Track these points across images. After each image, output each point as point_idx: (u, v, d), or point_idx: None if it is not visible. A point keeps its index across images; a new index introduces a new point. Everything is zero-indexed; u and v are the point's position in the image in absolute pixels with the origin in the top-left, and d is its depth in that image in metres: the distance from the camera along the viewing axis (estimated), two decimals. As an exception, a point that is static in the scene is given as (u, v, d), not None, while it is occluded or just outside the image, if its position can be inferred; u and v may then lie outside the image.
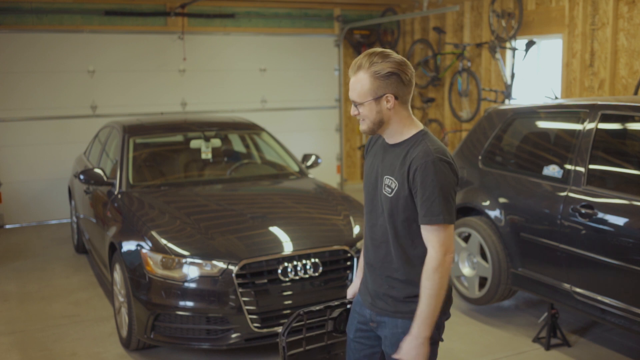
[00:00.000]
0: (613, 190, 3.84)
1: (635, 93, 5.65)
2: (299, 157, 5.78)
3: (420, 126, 2.28)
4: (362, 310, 2.44)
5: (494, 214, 4.53)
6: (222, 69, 8.77)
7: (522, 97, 7.30)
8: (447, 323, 4.76)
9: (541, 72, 7.47)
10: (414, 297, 2.24)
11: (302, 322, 2.58)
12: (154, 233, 4.10)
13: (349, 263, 4.09)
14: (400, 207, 2.19)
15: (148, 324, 3.87)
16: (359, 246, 4.17)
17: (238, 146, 6.12)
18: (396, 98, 2.19)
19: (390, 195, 2.21)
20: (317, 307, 2.60)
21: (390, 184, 2.21)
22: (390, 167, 2.24)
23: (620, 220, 3.66)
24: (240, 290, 3.78)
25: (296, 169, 5.58)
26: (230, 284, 3.77)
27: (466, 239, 4.78)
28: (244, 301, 3.77)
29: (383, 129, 2.26)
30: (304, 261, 3.94)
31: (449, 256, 2.15)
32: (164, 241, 4.01)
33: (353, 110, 2.25)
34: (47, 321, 4.79)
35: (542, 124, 4.62)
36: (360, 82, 2.17)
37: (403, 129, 2.25)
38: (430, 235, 2.15)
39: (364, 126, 2.25)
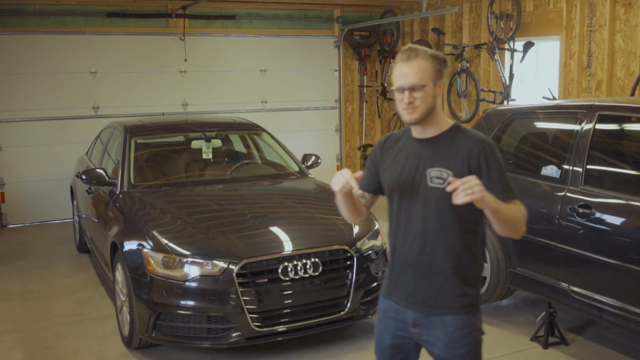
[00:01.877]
0: (610, 190, 3.87)
1: (632, 94, 5.69)
2: (299, 157, 5.81)
3: (450, 120, 2.34)
4: (400, 316, 2.36)
5: (493, 213, 4.55)
6: (223, 70, 8.81)
7: (521, 98, 7.33)
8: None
9: (539, 73, 7.51)
10: (468, 291, 2.26)
11: None
12: (155, 233, 4.13)
13: (348, 263, 4.12)
14: None
15: (149, 323, 3.90)
16: (359, 246, 4.20)
17: (239, 146, 6.16)
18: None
19: (442, 186, 2.19)
20: None
21: (440, 175, 2.21)
22: (435, 159, 2.24)
23: (617, 220, 3.69)
24: (241, 289, 3.81)
25: (296, 169, 5.61)
26: (231, 283, 3.80)
27: (465, 238, 4.80)
28: (244, 300, 3.80)
29: (429, 118, 2.25)
30: (304, 261, 3.96)
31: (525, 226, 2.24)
32: (165, 241, 4.04)
33: (409, 98, 2.19)
34: (49, 320, 4.83)
35: (540, 125, 4.65)
36: (421, 67, 2.19)
37: (441, 120, 2.29)
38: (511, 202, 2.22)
39: (416, 114, 2.22)
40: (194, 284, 3.85)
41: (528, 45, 6.85)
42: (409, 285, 2.32)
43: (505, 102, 7.15)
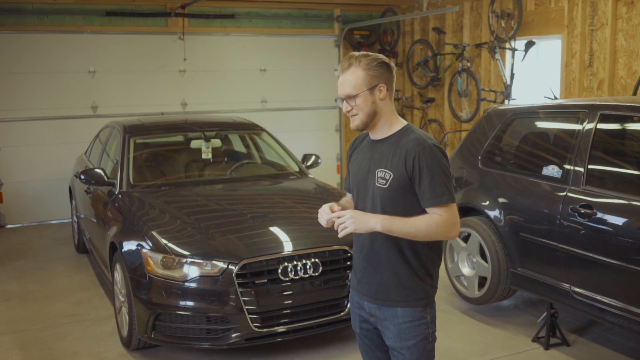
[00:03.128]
0: (612, 190, 3.85)
1: (634, 93, 5.66)
2: (299, 157, 5.79)
3: (404, 121, 2.41)
4: (362, 306, 2.51)
5: (494, 213, 4.54)
6: (223, 69, 8.79)
7: (522, 97, 7.31)
8: (446, 322, 4.78)
9: (540, 72, 7.49)
10: (418, 284, 2.36)
11: None
12: (154, 233, 4.11)
13: (348, 263, 4.10)
14: (398, 195, 2.30)
15: (149, 324, 3.88)
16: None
17: (238, 146, 6.14)
18: (387, 89, 2.33)
19: (384, 187, 2.31)
20: None
21: (384, 176, 2.31)
22: (381, 160, 2.34)
23: (619, 220, 3.67)
24: (241, 289, 3.79)
25: (296, 169, 5.59)
26: (231, 283, 3.78)
27: (466, 238, 4.79)
28: (244, 301, 3.78)
29: (375, 122, 2.35)
30: (304, 261, 3.95)
31: (455, 231, 2.29)
32: (164, 241, 4.02)
33: (346, 107, 2.34)
34: (48, 320, 4.81)
35: (542, 124, 4.63)
36: (354, 75, 2.29)
37: (391, 122, 2.37)
38: (441, 211, 2.27)
39: (356, 121, 2.34)
40: (193, 285, 3.83)
41: (529, 45, 6.83)
42: (364, 278, 2.46)
43: (506, 101, 7.13)
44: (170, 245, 3.98)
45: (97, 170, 5.07)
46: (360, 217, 2.25)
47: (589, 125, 4.01)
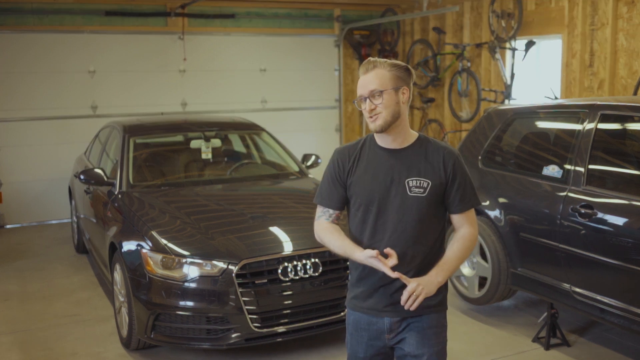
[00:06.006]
0: (612, 190, 3.85)
1: (635, 93, 5.66)
2: (299, 157, 5.79)
3: (413, 131, 2.42)
4: (374, 325, 2.38)
5: (494, 213, 4.53)
6: (223, 69, 8.79)
7: (522, 97, 7.31)
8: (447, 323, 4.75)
9: (541, 72, 7.48)
10: (441, 290, 2.35)
11: None
12: (154, 233, 4.11)
13: (348, 263, 4.09)
14: (434, 202, 2.32)
15: (148, 324, 3.88)
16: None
17: (238, 146, 6.14)
18: (409, 94, 2.32)
19: (423, 195, 2.29)
20: None
21: (420, 184, 2.29)
22: (411, 169, 2.31)
23: (619, 220, 3.66)
24: (241, 290, 3.78)
25: (296, 169, 5.58)
26: (231, 283, 3.78)
27: (466, 238, 4.78)
28: (244, 301, 3.77)
29: (395, 125, 2.29)
30: (304, 261, 3.94)
31: (477, 232, 2.44)
32: (164, 241, 4.02)
33: (370, 106, 2.25)
34: (48, 321, 4.80)
35: (542, 124, 4.63)
36: (379, 74, 2.26)
37: (407, 130, 2.35)
38: (470, 217, 2.39)
39: (379, 121, 2.26)
40: (193, 285, 3.82)
41: (529, 44, 6.83)
42: (386, 293, 2.34)
43: (507, 101, 7.13)
44: (170, 245, 3.98)
45: (96, 170, 5.07)
46: (427, 281, 2.26)
47: (589, 125, 4.01)
